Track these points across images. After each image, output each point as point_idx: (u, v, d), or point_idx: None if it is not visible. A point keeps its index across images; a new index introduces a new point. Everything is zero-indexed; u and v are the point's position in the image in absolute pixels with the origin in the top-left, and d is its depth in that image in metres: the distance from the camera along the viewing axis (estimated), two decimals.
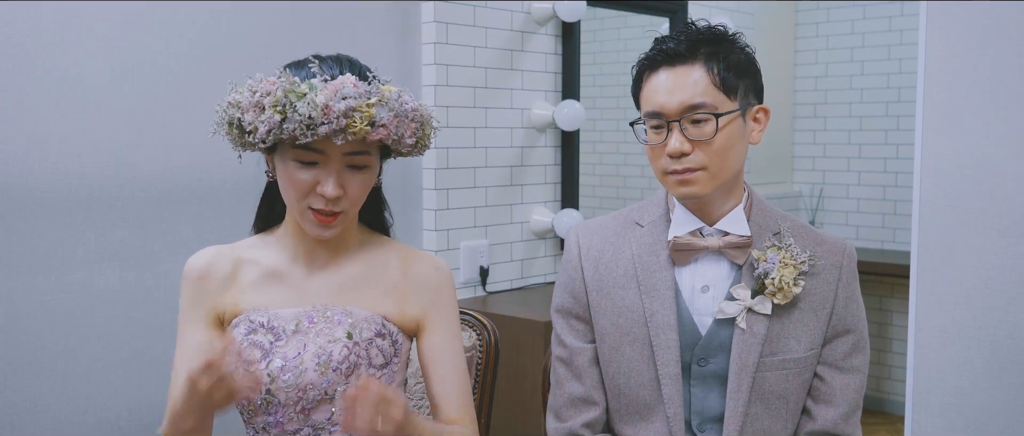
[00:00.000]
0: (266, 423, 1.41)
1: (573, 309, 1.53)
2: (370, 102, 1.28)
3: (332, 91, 1.26)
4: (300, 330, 1.41)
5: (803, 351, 1.44)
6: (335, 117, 1.26)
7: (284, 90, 1.27)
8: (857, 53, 4.33)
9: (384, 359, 1.43)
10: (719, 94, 1.38)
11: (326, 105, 1.25)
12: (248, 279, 1.46)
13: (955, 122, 1.95)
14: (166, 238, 2.21)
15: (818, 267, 1.45)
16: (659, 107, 1.40)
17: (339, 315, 1.42)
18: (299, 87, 1.27)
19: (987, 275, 1.92)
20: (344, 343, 1.39)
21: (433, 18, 2.70)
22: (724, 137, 1.38)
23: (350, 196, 1.37)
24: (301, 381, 1.37)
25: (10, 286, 1.99)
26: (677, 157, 1.38)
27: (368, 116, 1.27)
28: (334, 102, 1.26)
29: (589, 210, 3.26)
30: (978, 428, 1.95)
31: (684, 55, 1.39)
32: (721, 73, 1.38)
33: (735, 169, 1.42)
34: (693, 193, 1.41)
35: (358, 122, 1.27)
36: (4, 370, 1.98)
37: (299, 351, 1.39)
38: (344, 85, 1.27)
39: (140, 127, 2.16)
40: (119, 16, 2.11)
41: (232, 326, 1.44)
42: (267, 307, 1.43)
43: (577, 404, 1.51)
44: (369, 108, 1.28)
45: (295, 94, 1.26)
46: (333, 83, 1.28)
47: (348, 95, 1.26)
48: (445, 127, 2.74)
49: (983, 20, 1.90)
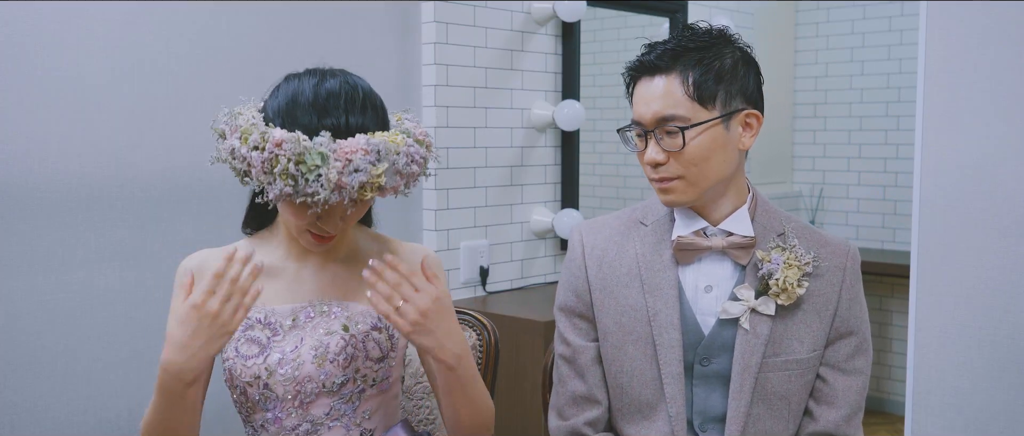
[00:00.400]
0: (264, 419, 1.42)
1: (576, 307, 1.53)
2: (379, 172, 1.26)
3: (344, 163, 1.23)
4: (297, 325, 1.42)
5: (806, 352, 1.44)
6: (347, 192, 1.24)
7: (297, 157, 1.23)
8: (857, 53, 4.33)
9: (381, 352, 1.44)
10: (692, 104, 1.38)
11: (339, 181, 1.23)
12: None
13: (955, 122, 1.95)
14: (166, 238, 2.21)
15: (822, 268, 1.45)
16: (639, 117, 1.42)
17: (336, 309, 1.43)
18: (311, 157, 1.23)
19: (987, 275, 1.92)
20: (341, 335, 1.40)
21: (433, 18, 2.70)
22: (697, 147, 1.38)
23: (348, 224, 1.39)
24: (299, 374, 1.38)
25: (10, 286, 1.99)
26: (654, 166, 1.41)
27: (377, 185, 1.26)
28: (346, 176, 1.23)
29: (589, 210, 3.26)
30: (978, 428, 1.95)
31: (658, 66, 1.40)
32: (697, 82, 1.37)
33: (719, 176, 1.41)
34: (673, 201, 1.43)
35: (368, 191, 1.26)
36: (4, 370, 1.98)
37: (296, 345, 1.40)
38: (355, 153, 1.24)
39: (140, 127, 2.16)
40: (119, 16, 2.11)
41: None
42: (263, 304, 1.44)
43: (579, 402, 1.51)
44: (378, 178, 1.26)
45: (306, 167, 1.23)
46: (344, 150, 1.24)
47: (360, 167, 1.24)
48: (445, 127, 2.74)
49: (983, 20, 1.90)
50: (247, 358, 1.40)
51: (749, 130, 1.43)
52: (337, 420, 1.42)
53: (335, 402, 1.41)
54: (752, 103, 1.43)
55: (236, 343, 1.42)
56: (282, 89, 1.34)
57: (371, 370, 1.43)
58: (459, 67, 2.78)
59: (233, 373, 1.41)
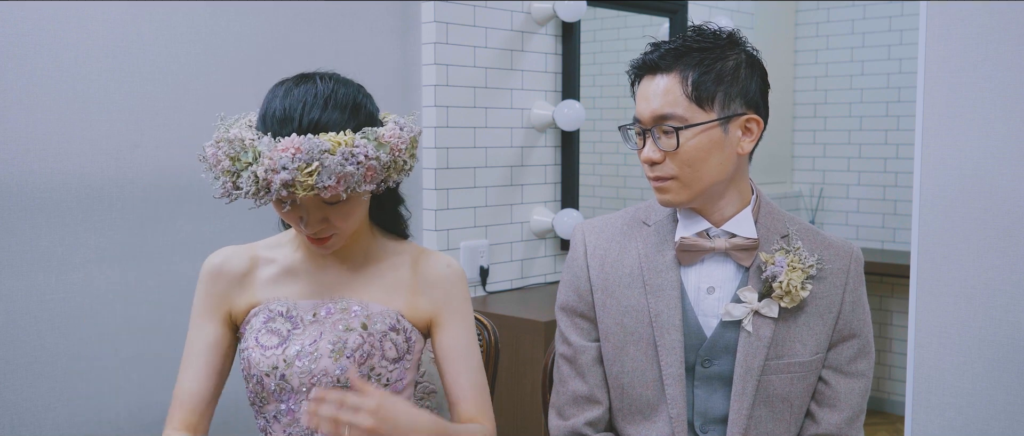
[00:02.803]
0: (277, 411, 1.44)
1: (577, 307, 1.53)
2: (309, 170, 1.25)
3: (271, 162, 1.25)
4: (317, 319, 1.45)
5: (808, 355, 1.44)
6: (275, 189, 1.26)
7: (233, 155, 1.29)
8: (857, 53, 4.33)
9: (397, 353, 1.46)
10: (690, 105, 1.37)
11: (265, 178, 1.26)
12: (265, 276, 1.50)
13: (955, 122, 1.95)
14: (166, 238, 2.21)
15: (826, 271, 1.45)
16: (638, 114, 1.43)
17: (356, 307, 1.46)
18: (244, 154, 1.28)
19: (987, 275, 1.92)
20: (359, 332, 1.43)
21: (433, 18, 2.70)
22: (693, 148, 1.38)
23: (336, 225, 1.39)
24: (315, 367, 1.41)
25: (10, 286, 1.99)
26: (650, 165, 1.41)
27: (307, 184, 1.26)
28: (271, 175, 1.25)
29: (589, 210, 3.26)
30: (978, 428, 1.95)
31: (659, 65, 1.40)
32: (695, 82, 1.37)
33: (713, 179, 1.40)
34: (668, 201, 1.43)
35: (299, 190, 1.26)
36: (4, 370, 1.98)
37: (315, 338, 1.43)
38: (284, 155, 1.25)
39: (140, 127, 2.16)
40: (119, 16, 2.11)
41: (250, 316, 1.48)
42: (287, 298, 1.48)
43: (580, 402, 1.51)
44: (308, 176, 1.26)
45: (240, 163, 1.28)
46: (278, 147, 1.26)
47: (286, 166, 1.25)
48: (445, 127, 2.74)
49: (983, 20, 1.90)
50: (266, 348, 1.43)
51: (748, 135, 1.42)
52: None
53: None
54: (753, 107, 1.42)
55: (257, 333, 1.44)
56: (265, 100, 1.37)
57: (386, 370, 1.45)
58: (459, 67, 2.78)
59: (251, 362, 1.43)
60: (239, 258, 1.51)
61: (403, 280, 1.50)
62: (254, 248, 1.53)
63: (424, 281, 1.50)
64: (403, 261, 1.51)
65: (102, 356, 2.13)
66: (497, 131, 2.91)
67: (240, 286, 1.49)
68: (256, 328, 1.45)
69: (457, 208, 2.81)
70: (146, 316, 2.19)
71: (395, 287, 1.49)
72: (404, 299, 1.49)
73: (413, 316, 1.50)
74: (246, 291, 1.49)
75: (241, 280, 1.50)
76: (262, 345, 1.43)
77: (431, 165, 2.74)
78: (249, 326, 1.47)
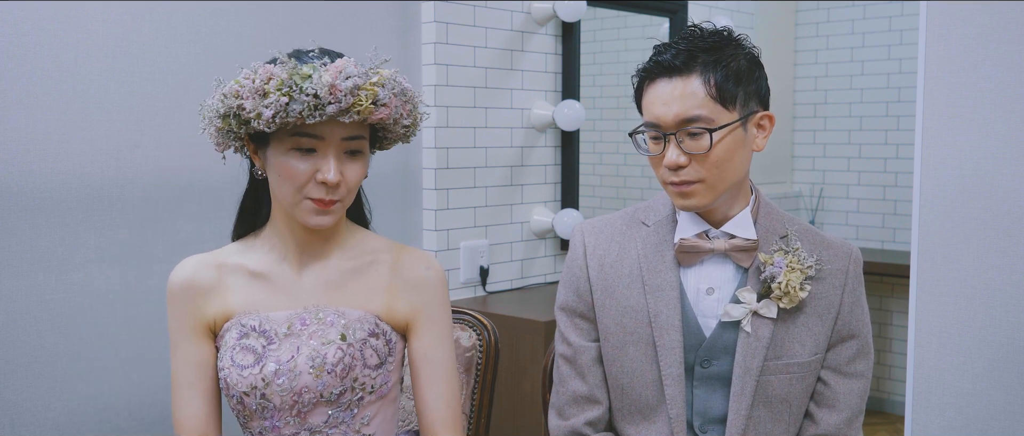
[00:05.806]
0: (262, 428, 1.40)
1: (577, 307, 1.53)
2: (373, 81, 1.32)
3: (335, 71, 1.29)
4: (292, 332, 1.40)
5: (807, 355, 1.44)
6: (342, 95, 1.28)
7: (289, 72, 1.29)
8: (857, 53, 4.33)
9: (379, 359, 1.42)
10: (716, 106, 1.36)
11: (332, 84, 1.28)
12: (235, 284, 1.44)
13: (955, 122, 1.95)
14: (166, 238, 2.21)
15: (825, 272, 1.45)
16: (656, 119, 1.39)
17: (332, 316, 1.41)
18: (301, 69, 1.29)
19: (987, 275, 1.92)
20: (338, 345, 1.38)
21: (433, 18, 2.70)
22: (721, 149, 1.37)
23: (347, 183, 1.37)
24: (296, 385, 1.36)
25: (10, 286, 1.99)
26: (674, 169, 1.38)
27: (373, 94, 1.31)
28: (339, 81, 1.28)
29: (589, 210, 3.26)
30: (978, 428, 1.95)
31: (680, 67, 1.37)
32: (718, 83, 1.36)
33: (735, 179, 1.41)
34: (690, 205, 1.41)
35: (363, 100, 1.30)
36: (4, 370, 1.98)
37: (292, 354, 1.38)
38: (347, 65, 1.30)
39: (140, 127, 2.16)
40: (119, 16, 2.11)
41: (223, 331, 1.43)
42: (257, 310, 1.42)
43: (580, 402, 1.51)
44: (373, 87, 1.31)
45: (300, 75, 1.28)
46: (334, 65, 1.30)
47: (352, 74, 1.29)
48: (445, 127, 2.74)
49: (983, 20, 1.90)
50: (243, 368, 1.38)
51: (763, 131, 1.43)
52: (335, 427, 1.40)
53: (333, 410, 1.40)
54: (764, 105, 1.43)
55: (231, 352, 1.39)
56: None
57: (369, 378, 1.41)
58: (459, 67, 2.78)
59: (229, 383, 1.38)
60: (206, 268, 1.45)
61: (381, 280, 1.46)
62: (218, 256, 1.47)
63: (403, 283, 1.46)
64: (381, 258, 1.47)
65: (102, 356, 2.13)
66: (497, 131, 2.91)
67: (211, 297, 1.43)
68: (230, 345, 1.40)
69: (457, 208, 2.81)
70: (146, 316, 2.19)
71: (373, 288, 1.45)
72: (381, 301, 1.45)
73: (390, 318, 1.46)
74: (217, 301, 1.43)
75: (211, 291, 1.44)
76: (238, 365, 1.38)
77: (431, 165, 2.74)
78: (223, 342, 1.42)
